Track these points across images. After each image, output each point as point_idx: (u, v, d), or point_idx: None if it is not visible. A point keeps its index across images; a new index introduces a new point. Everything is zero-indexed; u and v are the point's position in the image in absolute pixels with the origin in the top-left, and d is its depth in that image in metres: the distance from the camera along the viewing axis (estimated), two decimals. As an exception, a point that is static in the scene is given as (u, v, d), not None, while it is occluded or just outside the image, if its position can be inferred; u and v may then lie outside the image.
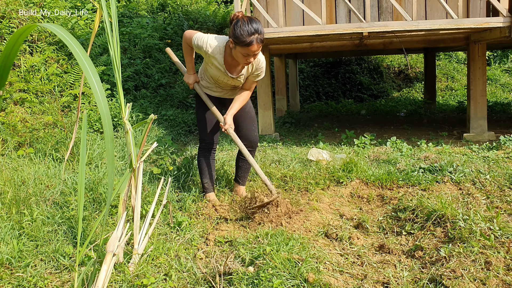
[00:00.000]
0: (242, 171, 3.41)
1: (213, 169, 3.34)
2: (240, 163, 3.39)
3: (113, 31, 2.28)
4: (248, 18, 2.80)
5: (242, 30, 2.76)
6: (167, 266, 2.40)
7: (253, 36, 2.76)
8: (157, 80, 7.35)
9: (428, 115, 7.78)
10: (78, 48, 1.33)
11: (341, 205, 3.30)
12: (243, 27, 2.76)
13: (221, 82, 3.14)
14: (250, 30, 2.76)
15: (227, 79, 3.11)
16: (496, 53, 12.11)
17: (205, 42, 2.98)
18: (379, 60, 11.66)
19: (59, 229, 2.78)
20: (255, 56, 2.90)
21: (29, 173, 3.70)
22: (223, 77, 3.09)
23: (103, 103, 1.38)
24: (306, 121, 7.19)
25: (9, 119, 5.04)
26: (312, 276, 2.12)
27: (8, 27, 6.07)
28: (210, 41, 2.98)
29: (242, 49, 2.81)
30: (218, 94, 3.24)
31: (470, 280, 2.10)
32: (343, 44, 6.14)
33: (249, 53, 2.83)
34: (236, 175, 3.45)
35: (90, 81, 1.34)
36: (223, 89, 3.22)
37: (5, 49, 1.27)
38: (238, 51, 2.84)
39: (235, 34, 2.80)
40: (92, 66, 1.36)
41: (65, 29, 1.34)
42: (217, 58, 2.99)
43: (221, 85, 3.19)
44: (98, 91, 1.34)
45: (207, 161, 3.29)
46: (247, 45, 2.78)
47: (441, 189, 3.34)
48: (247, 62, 2.91)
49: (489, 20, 4.82)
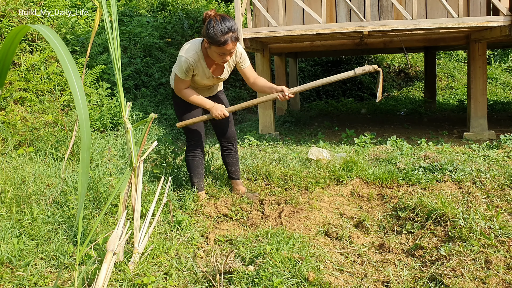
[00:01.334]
0: (232, 166, 3.44)
1: (203, 168, 3.35)
2: (227, 159, 3.43)
3: (113, 30, 2.28)
4: (220, 17, 2.77)
5: (215, 29, 2.73)
6: (168, 265, 2.41)
7: (227, 35, 2.74)
8: (157, 79, 7.35)
9: (428, 114, 7.78)
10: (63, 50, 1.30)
11: (341, 204, 3.30)
12: (217, 26, 2.73)
13: (204, 85, 3.14)
14: (223, 29, 2.73)
15: (210, 81, 3.10)
16: (496, 52, 12.10)
17: (185, 61, 2.89)
18: (379, 59, 11.65)
19: (59, 228, 2.79)
20: (231, 55, 2.87)
21: (29, 172, 3.70)
22: (207, 81, 3.09)
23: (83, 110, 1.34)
24: (306, 120, 7.19)
25: (10, 118, 5.04)
26: (312, 275, 2.13)
27: (8, 26, 6.07)
28: (186, 55, 2.89)
29: (217, 48, 2.79)
30: (202, 95, 3.22)
31: (470, 279, 2.10)
32: (343, 43, 6.14)
33: (224, 52, 2.81)
34: (228, 172, 3.47)
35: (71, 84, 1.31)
36: (204, 89, 3.20)
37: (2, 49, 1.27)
38: (213, 50, 2.82)
39: (209, 34, 2.76)
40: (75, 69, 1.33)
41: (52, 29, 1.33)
42: (200, 65, 2.96)
43: (205, 87, 3.18)
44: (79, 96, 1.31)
45: (197, 160, 3.28)
46: (222, 45, 2.76)
47: (441, 188, 3.34)
48: (224, 60, 2.89)
49: (490, 19, 4.81)
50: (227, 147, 3.41)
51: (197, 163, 3.29)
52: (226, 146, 3.41)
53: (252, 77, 3.17)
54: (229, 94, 8.39)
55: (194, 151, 3.28)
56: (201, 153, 3.31)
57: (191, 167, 3.29)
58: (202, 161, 3.32)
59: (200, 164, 3.30)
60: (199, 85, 3.12)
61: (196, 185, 3.30)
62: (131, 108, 6.38)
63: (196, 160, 3.28)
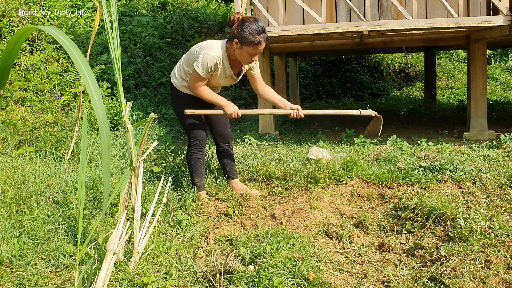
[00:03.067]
0: (230, 166, 3.48)
1: (204, 167, 3.36)
2: (225, 160, 3.47)
3: (113, 29, 2.28)
4: (253, 18, 2.89)
5: (251, 29, 2.85)
6: (168, 264, 2.41)
7: (261, 35, 2.87)
8: (157, 79, 7.35)
9: (429, 114, 7.77)
10: (75, 52, 1.32)
11: (341, 204, 3.30)
12: (252, 26, 2.85)
13: (220, 85, 3.21)
14: (258, 29, 2.86)
15: (227, 82, 3.18)
16: (496, 52, 12.09)
17: (213, 59, 2.94)
18: (379, 58, 11.65)
19: (60, 227, 2.79)
20: (258, 55, 2.99)
21: (30, 172, 3.71)
22: (224, 82, 3.17)
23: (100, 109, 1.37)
24: (306, 119, 7.19)
25: (10, 118, 5.04)
26: (312, 274, 2.13)
27: (8, 25, 6.07)
28: (213, 54, 2.95)
29: (251, 48, 2.89)
30: None
31: (470, 278, 2.10)
32: (343, 43, 6.14)
33: (256, 52, 2.92)
34: (226, 173, 3.50)
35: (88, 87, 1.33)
36: (214, 89, 3.28)
37: (5, 50, 1.28)
38: (245, 50, 2.91)
39: (242, 35, 2.86)
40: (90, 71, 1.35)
41: (63, 32, 1.34)
42: (225, 64, 3.05)
43: (215, 87, 3.25)
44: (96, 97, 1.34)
45: (200, 160, 3.29)
46: (256, 44, 2.88)
47: (441, 188, 3.34)
48: (252, 60, 2.99)
49: (490, 18, 4.81)
50: (223, 147, 3.45)
51: (199, 163, 3.29)
52: (222, 146, 3.45)
53: (261, 85, 3.29)
54: (229, 94, 8.40)
55: (197, 151, 3.28)
56: (203, 152, 3.32)
57: (193, 166, 3.29)
58: (203, 160, 3.33)
59: (202, 164, 3.31)
60: (211, 85, 3.17)
61: (197, 184, 3.30)
62: (131, 108, 6.38)
63: (198, 159, 3.28)
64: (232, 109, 3.10)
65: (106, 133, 1.39)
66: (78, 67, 1.33)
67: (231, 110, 3.10)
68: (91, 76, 1.33)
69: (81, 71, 1.34)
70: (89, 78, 1.33)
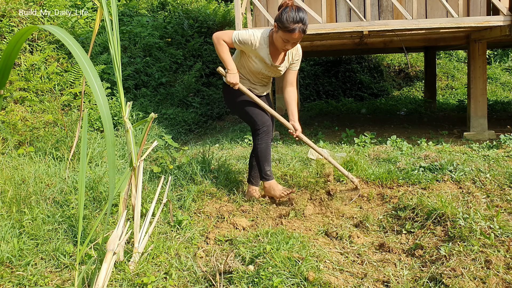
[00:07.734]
0: (257, 171, 3.32)
1: None
2: (254, 162, 3.32)
3: (114, 29, 2.28)
4: (297, 7, 2.90)
5: (288, 16, 2.86)
6: (168, 264, 2.41)
7: (297, 25, 2.87)
8: (157, 79, 7.35)
9: (428, 114, 7.77)
10: (79, 51, 1.33)
11: (341, 204, 3.30)
12: (290, 13, 2.87)
13: (261, 74, 3.18)
14: (296, 18, 2.86)
15: (268, 70, 3.14)
16: (496, 52, 12.09)
17: (251, 35, 3.00)
18: (379, 58, 11.65)
19: (60, 227, 2.79)
20: (294, 45, 2.99)
21: (30, 172, 3.70)
22: (265, 69, 3.13)
23: (104, 107, 1.38)
24: (306, 119, 7.19)
25: (10, 118, 5.04)
26: (312, 274, 2.13)
27: (8, 25, 6.07)
28: (256, 33, 3.02)
29: (284, 34, 2.90)
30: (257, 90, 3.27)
31: (470, 278, 2.11)
32: (343, 43, 6.14)
33: (289, 39, 2.91)
34: (249, 176, 3.38)
35: (91, 85, 1.34)
36: (256, 84, 3.25)
37: (6, 50, 1.28)
38: (279, 35, 2.93)
39: (280, 19, 2.89)
40: (94, 69, 1.36)
41: (66, 31, 1.34)
42: (263, 49, 3.04)
43: (256, 79, 3.22)
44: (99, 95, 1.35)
45: (269, 148, 3.19)
46: (289, 31, 2.88)
47: (441, 188, 3.34)
48: (285, 48, 2.99)
49: (490, 18, 4.81)
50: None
51: (269, 150, 3.19)
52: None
53: (291, 83, 3.26)
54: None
55: (268, 137, 3.18)
56: (272, 139, 3.24)
57: (265, 154, 3.16)
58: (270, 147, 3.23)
59: (270, 151, 3.21)
60: (256, 72, 3.15)
61: (269, 173, 3.18)
62: (131, 108, 6.38)
63: (268, 147, 3.17)
64: (232, 79, 3.04)
65: (111, 130, 1.40)
66: (81, 65, 1.33)
67: (231, 79, 3.04)
68: (94, 74, 1.34)
69: (85, 69, 1.34)
70: (93, 76, 1.33)
